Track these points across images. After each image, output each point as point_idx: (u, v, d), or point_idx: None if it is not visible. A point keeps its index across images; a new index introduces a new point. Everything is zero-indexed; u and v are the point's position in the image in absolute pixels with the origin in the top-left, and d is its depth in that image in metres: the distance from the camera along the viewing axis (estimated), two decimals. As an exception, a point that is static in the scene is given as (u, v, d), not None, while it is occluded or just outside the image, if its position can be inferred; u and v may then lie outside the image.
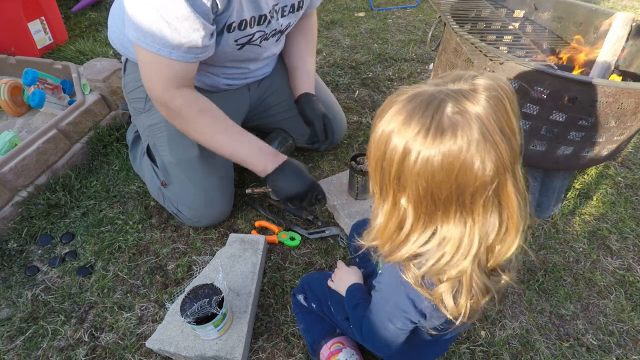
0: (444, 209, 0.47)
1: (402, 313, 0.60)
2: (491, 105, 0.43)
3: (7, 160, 1.15)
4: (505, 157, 0.44)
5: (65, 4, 2.39)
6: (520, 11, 1.42)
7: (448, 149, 0.43)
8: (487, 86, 0.44)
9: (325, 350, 0.85)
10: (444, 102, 0.43)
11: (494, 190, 0.45)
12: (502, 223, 0.48)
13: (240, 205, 1.25)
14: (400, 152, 0.46)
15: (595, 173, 1.39)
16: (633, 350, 0.94)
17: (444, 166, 0.44)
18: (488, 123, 0.43)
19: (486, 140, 0.42)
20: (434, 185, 0.45)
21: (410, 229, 0.51)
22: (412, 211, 0.49)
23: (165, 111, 0.97)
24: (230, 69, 1.10)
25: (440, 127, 0.43)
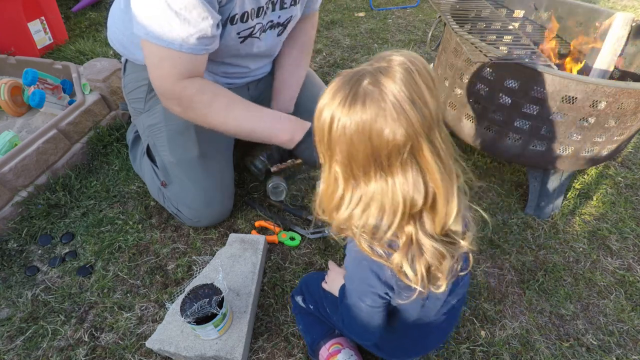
0: (365, 170, 0.53)
1: (368, 288, 0.62)
2: (402, 77, 0.49)
3: (7, 160, 1.15)
4: (416, 124, 0.49)
5: (65, 4, 2.39)
6: (520, 11, 1.42)
7: (360, 117, 0.49)
8: (400, 61, 0.50)
9: (324, 352, 0.85)
10: (363, 76, 0.50)
11: (409, 153, 0.51)
12: (427, 185, 0.53)
13: (240, 205, 1.25)
14: (328, 122, 0.52)
15: (595, 173, 1.39)
16: (633, 350, 0.94)
17: (358, 131, 0.50)
18: (398, 93, 0.48)
19: (395, 108, 0.48)
20: (353, 149, 0.51)
21: (342, 192, 0.57)
22: (341, 173, 0.55)
23: (177, 105, 0.94)
24: (230, 67, 1.09)
25: (355, 97, 0.49)
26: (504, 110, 1.09)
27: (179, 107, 0.95)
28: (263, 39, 1.05)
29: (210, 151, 1.12)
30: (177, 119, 1.09)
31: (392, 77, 0.49)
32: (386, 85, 0.49)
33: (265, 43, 1.07)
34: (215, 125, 0.98)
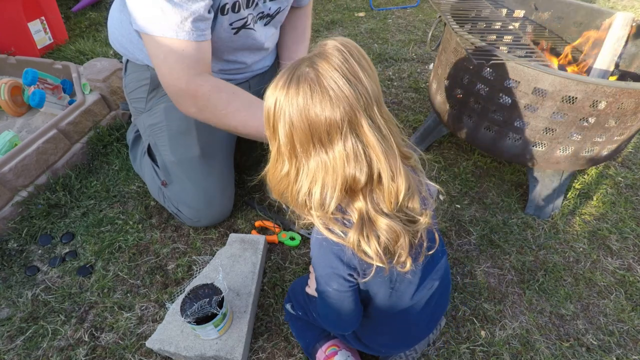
0: (305, 146, 0.55)
1: (332, 270, 0.62)
2: (334, 58, 0.52)
3: (7, 160, 1.15)
4: (352, 100, 0.51)
5: (65, 4, 2.39)
6: (520, 11, 1.42)
7: (296, 97, 0.52)
8: (333, 45, 0.53)
9: (321, 354, 0.85)
10: (302, 62, 0.54)
11: (349, 128, 0.53)
12: (370, 160, 0.54)
13: (240, 205, 1.25)
14: (272, 106, 0.55)
15: (595, 173, 1.39)
16: (633, 350, 0.94)
17: (297, 111, 0.52)
18: (333, 72, 0.51)
19: (331, 87, 0.51)
20: (294, 128, 0.54)
21: (287, 170, 0.59)
22: (285, 154, 0.58)
23: (193, 105, 0.91)
24: (227, 64, 1.08)
25: (291, 81, 0.53)
26: (504, 110, 1.09)
27: (195, 108, 0.92)
28: (257, 29, 1.05)
29: (211, 151, 1.12)
30: (178, 119, 1.09)
31: (326, 59, 0.52)
32: (321, 66, 0.52)
33: (259, 34, 1.06)
34: (234, 125, 0.95)
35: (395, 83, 1.87)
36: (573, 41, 1.35)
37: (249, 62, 1.13)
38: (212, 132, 1.10)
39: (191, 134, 1.09)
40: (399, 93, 1.80)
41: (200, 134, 1.09)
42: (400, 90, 1.81)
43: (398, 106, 1.71)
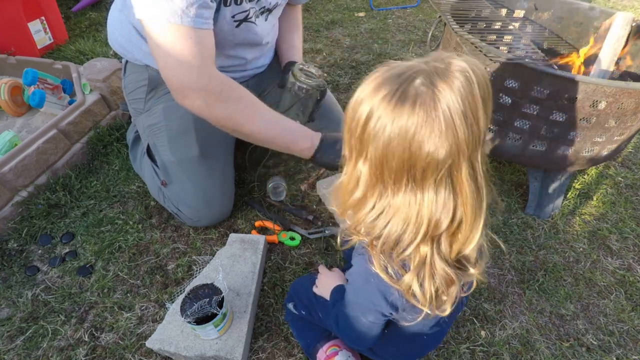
0: (396, 177, 0.48)
1: (373, 306, 0.60)
2: (459, 86, 0.43)
3: (7, 160, 1.15)
4: (462, 141, 0.44)
5: (65, 4, 2.39)
6: (520, 11, 1.42)
7: (405, 119, 0.44)
8: (461, 67, 0.44)
9: (322, 354, 0.85)
10: (416, 74, 0.45)
11: (447, 171, 0.46)
12: (457, 209, 0.49)
13: (240, 205, 1.25)
14: (366, 116, 0.47)
15: (595, 173, 1.39)
16: (633, 350, 0.94)
17: (399, 134, 0.45)
18: (451, 103, 0.43)
19: (445, 120, 0.43)
20: (388, 151, 0.46)
21: (364, 195, 0.53)
22: (367, 175, 0.51)
23: (201, 98, 0.87)
24: (227, 60, 1.08)
25: (403, 96, 0.44)
26: (504, 110, 1.09)
27: (202, 101, 0.88)
28: (259, 24, 1.05)
29: (211, 151, 1.12)
30: (177, 119, 1.09)
31: (449, 83, 0.43)
32: (441, 90, 0.43)
33: (260, 28, 1.07)
34: (240, 124, 0.93)
35: (395, 83, 1.87)
36: (573, 41, 1.35)
37: (248, 57, 1.13)
38: (211, 131, 1.10)
39: (190, 133, 1.09)
40: (399, 93, 1.79)
41: (199, 133, 1.09)
42: (400, 90, 1.81)
43: (398, 106, 1.71)
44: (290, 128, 0.99)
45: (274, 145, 1.00)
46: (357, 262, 0.61)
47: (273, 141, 0.98)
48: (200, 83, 0.86)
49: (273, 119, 0.97)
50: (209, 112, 0.91)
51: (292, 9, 1.27)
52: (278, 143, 0.99)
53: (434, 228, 0.49)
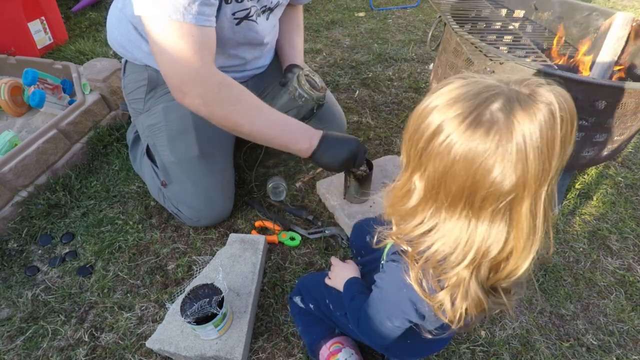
0: (452, 201, 0.46)
1: (401, 314, 0.60)
2: (541, 119, 0.40)
3: (7, 160, 1.15)
4: (531, 176, 0.41)
5: (65, 4, 2.39)
6: (520, 11, 1.42)
7: (476, 144, 0.41)
8: (547, 100, 0.41)
9: (325, 351, 0.85)
10: (496, 97, 0.42)
11: (507, 204, 0.44)
12: (508, 242, 0.47)
13: (240, 205, 1.25)
14: (432, 131, 0.45)
15: (595, 173, 1.39)
16: (633, 350, 0.94)
17: (465, 159, 0.42)
18: (528, 135, 0.40)
19: (518, 152, 0.40)
20: (450, 173, 0.44)
21: (415, 206, 0.51)
22: (422, 191, 0.49)
23: (200, 96, 0.86)
24: (227, 59, 1.08)
25: (477, 119, 0.41)
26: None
27: (201, 99, 0.87)
28: (260, 23, 1.05)
29: (211, 151, 1.12)
30: (177, 119, 1.09)
31: (530, 114, 0.40)
32: (520, 121, 0.40)
33: (261, 27, 1.07)
34: (240, 124, 0.92)
35: (395, 83, 1.87)
36: (573, 42, 1.35)
37: (248, 57, 1.13)
38: (211, 131, 1.10)
39: (190, 133, 1.09)
40: (399, 93, 1.80)
41: (199, 133, 1.09)
42: (400, 90, 1.82)
43: (398, 106, 1.72)
44: (291, 128, 0.98)
45: (273, 145, 0.99)
46: (390, 269, 0.60)
47: (273, 141, 0.98)
48: (200, 81, 0.85)
49: (274, 119, 0.96)
50: (207, 111, 0.90)
51: (294, 9, 1.27)
52: (278, 142, 0.98)
53: (481, 256, 0.48)
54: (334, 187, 1.24)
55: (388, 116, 1.65)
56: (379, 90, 1.81)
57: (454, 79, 0.47)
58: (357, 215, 1.14)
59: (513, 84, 0.43)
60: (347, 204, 1.18)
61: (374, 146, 1.49)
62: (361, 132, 1.55)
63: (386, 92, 1.80)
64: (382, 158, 1.34)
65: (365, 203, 1.18)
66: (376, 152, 1.46)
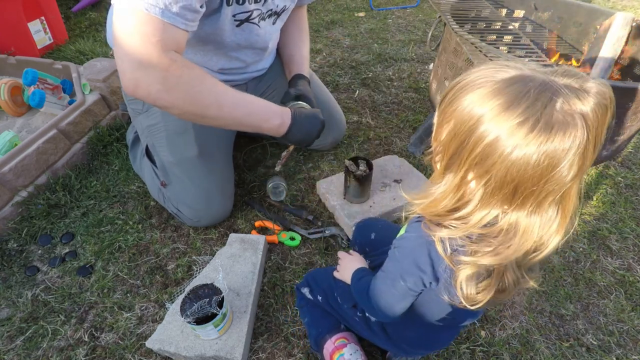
0: (523, 199, 0.46)
1: (417, 271, 0.59)
2: (598, 112, 0.42)
3: (7, 160, 1.15)
4: (587, 165, 0.43)
5: (65, 4, 2.39)
6: (520, 11, 1.42)
7: (554, 149, 0.42)
8: (599, 91, 0.42)
9: (330, 345, 0.85)
10: (556, 95, 0.42)
11: (562, 194, 0.46)
12: (554, 224, 0.49)
13: (240, 205, 1.25)
14: (493, 138, 0.44)
15: (595, 173, 1.39)
16: (633, 350, 0.94)
17: (540, 164, 0.42)
18: (592, 128, 0.42)
19: (582, 145, 0.42)
20: (523, 177, 0.44)
21: (471, 211, 0.50)
22: (484, 193, 0.48)
23: (159, 80, 0.78)
24: (228, 62, 1.08)
25: (549, 123, 0.41)
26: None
27: (161, 85, 0.79)
28: (262, 26, 1.04)
29: (210, 151, 1.12)
30: (176, 119, 1.09)
31: (589, 106, 0.42)
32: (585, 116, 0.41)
33: (264, 31, 1.06)
34: (206, 105, 0.86)
35: (395, 83, 1.87)
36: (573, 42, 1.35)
37: (249, 61, 1.13)
38: (210, 131, 1.10)
39: (189, 133, 1.09)
40: (399, 93, 1.80)
41: (197, 133, 1.09)
42: (400, 90, 1.82)
43: (398, 106, 1.72)
44: (258, 106, 0.95)
45: (243, 126, 0.95)
46: (413, 228, 0.59)
47: (243, 121, 0.93)
48: (160, 65, 0.77)
49: (240, 98, 0.91)
50: (168, 97, 0.81)
51: (298, 11, 1.26)
52: (248, 123, 0.94)
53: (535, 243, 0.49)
54: (334, 187, 1.24)
55: (388, 116, 1.65)
56: (379, 90, 1.81)
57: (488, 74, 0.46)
58: (357, 215, 1.14)
59: (560, 78, 0.43)
60: (347, 204, 1.18)
61: (374, 146, 1.49)
62: (361, 132, 1.55)
63: (386, 92, 1.80)
64: (382, 158, 1.34)
65: (365, 203, 1.18)
66: (376, 152, 1.46)
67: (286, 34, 1.26)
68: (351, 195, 1.17)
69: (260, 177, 1.35)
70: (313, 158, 1.43)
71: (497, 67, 0.47)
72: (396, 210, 1.18)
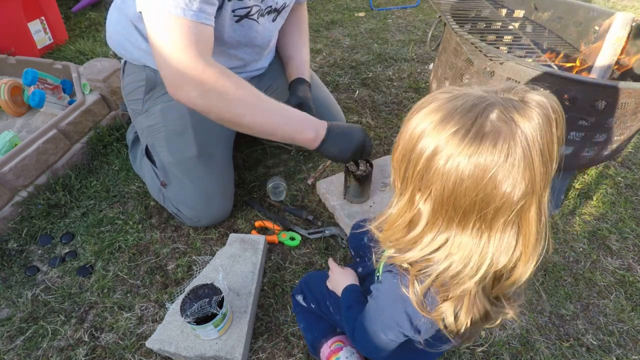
0: (464, 217, 0.45)
1: (396, 326, 0.59)
2: (539, 123, 0.41)
3: (7, 160, 1.15)
4: (538, 181, 0.42)
5: (65, 4, 2.39)
6: (520, 11, 1.42)
7: (484, 158, 0.41)
8: (540, 102, 0.42)
9: (326, 349, 0.85)
10: (491, 107, 0.41)
11: (516, 212, 0.44)
12: (516, 249, 0.47)
13: (240, 205, 1.25)
14: (431, 151, 0.44)
15: (595, 173, 1.39)
16: (633, 350, 0.94)
17: (475, 174, 0.42)
18: (532, 141, 0.40)
19: (525, 158, 0.40)
20: (459, 191, 0.43)
21: (422, 231, 0.49)
22: (430, 212, 0.47)
23: (195, 88, 0.83)
24: (226, 60, 1.08)
25: (480, 132, 0.41)
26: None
27: (196, 92, 0.83)
28: (261, 23, 1.04)
29: (210, 150, 1.12)
30: (175, 119, 1.09)
31: (528, 118, 0.40)
32: (521, 126, 0.40)
33: (262, 27, 1.06)
34: (240, 114, 0.88)
35: (395, 83, 1.87)
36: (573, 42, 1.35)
37: (248, 59, 1.13)
38: (209, 131, 1.10)
39: (188, 134, 1.09)
40: (399, 93, 1.80)
41: (197, 133, 1.09)
42: (400, 90, 1.82)
43: (398, 106, 1.71)
44: (294, 117, 0.94)
45: (277, 137, 0.95)
46: (386, 280, 0.58)
47: (276, 132, 0.93)
48: (195, 71, 0.82)
49: (275, 108, 0.92)
50: (204, 104, 0.85)
51: (298, 9, 1.26)
52: (281, 134, 0.94)
53: (493, 269, 0.47)
54: (334, 187, 1.24)
55: (388, 116, 1.65)
56: (379, 90, 1.81)
57: (435, 95, 0.46)
58: (357, 215, 1.14)
59: (501, 93, 0.43)
60: (347, 204, 1.18)
61: (374, 146, 1.49)
62: (361, 132, 1.55)
63: (386, 92, 1.80)
64: (382, 158, 1.34)
65: (365, 203, 1.18)
66: (376, 152, 1.46)
67: (286, 35, 1.26)
68: (351, 195, 1.17)
69: (260, 177, 1.35)
70: (313, 158, 1.43)
71: (444, 89, 0.47)
72: (396, 210, 1.18)
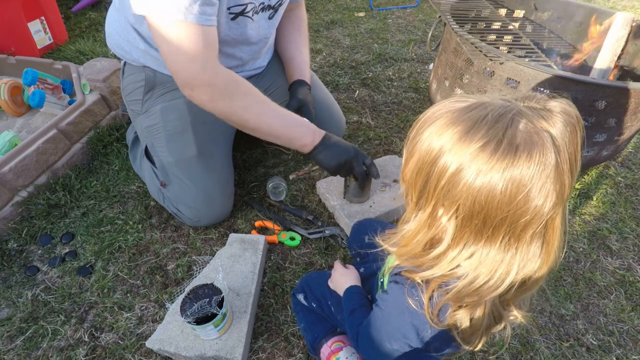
0: (493, 231, 0.43)
1: (402, 337, 0.58)
2: (566, 131, 0.39)
3: (7, 160, 1.15)
4: (567, 190, 0.40)
5: (65, 4, 2.39)
6: (520, 11, 1.42)
7: (519, 171, 0.38)
8: (563, 110, 0.40)
9: (326, 349, 0.85)
10: (518, 116, 0.39)
11: (544, 223, 0.42)
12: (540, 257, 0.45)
13: (240, 205, 1.25)
14: (454, 169, 0.41)
15: (595, 173, 1.39)
16: (633, 350, 0.94)
17: (508, 189, 0.39)
18: (562, 150, 0.39)
19: (557, 168, 0.39)
20: (491, 206, 0.41)
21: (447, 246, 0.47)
22: (456, 227, 0.45)
23: (206, 92, 0.89)
24: (226, 59, 1.07)
25: (512, 144, 0.38)
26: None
27: (207, 96, 0.90)
28: (256, 20, 1.04)
29: (209, 150, 1.12)
30: (174, 120, 1.09)
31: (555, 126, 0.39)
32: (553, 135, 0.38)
33: (257, 25, 1.06)
34: (245, 119, 0.95)
35: (395, 83, 1.87)
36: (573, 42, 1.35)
37: (245, 58, 1.13)
38: (209, 131, 1.10)
39: (188, 134, 1.09)
40: (399, 93, 1.80)
41: (196, 133, 1.09)
42: (400, 90, 1.82)
43: (398, 106, 1.72)
44: (296, 123, 1.01)
45: (277, 140, 1.02)
46: (392, 291, 0.57)
47: (278, 136, 1.00)
48: (205, 78, 0.88)
49: (280, 114, 0.99)
50: (213, 107, 0.93)
51: (297, 9, 1.26)
52: (282, 138, 1.01)
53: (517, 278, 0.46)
54: (334, 187, 1.24)
55: (388, 116, 1.65)
56: (379, 90, 1.81)
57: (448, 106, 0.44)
58: (357, 215, 1.14)
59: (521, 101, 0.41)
60: (347, 204, 1.18)
61: (374, 146, 1.49)
62: (361, 132, 1.55)
63: (386, 92, 1.80)
64: (382, 158, 1.34)
65: (365, 203, 1.18)
66: (376, 152, 1.46)
67: (286, 36, 1.26)
68: (351, 195, 1.17)
69: (260, 177, 1.35)
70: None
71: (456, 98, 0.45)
72: (396, 210, 1.18)
